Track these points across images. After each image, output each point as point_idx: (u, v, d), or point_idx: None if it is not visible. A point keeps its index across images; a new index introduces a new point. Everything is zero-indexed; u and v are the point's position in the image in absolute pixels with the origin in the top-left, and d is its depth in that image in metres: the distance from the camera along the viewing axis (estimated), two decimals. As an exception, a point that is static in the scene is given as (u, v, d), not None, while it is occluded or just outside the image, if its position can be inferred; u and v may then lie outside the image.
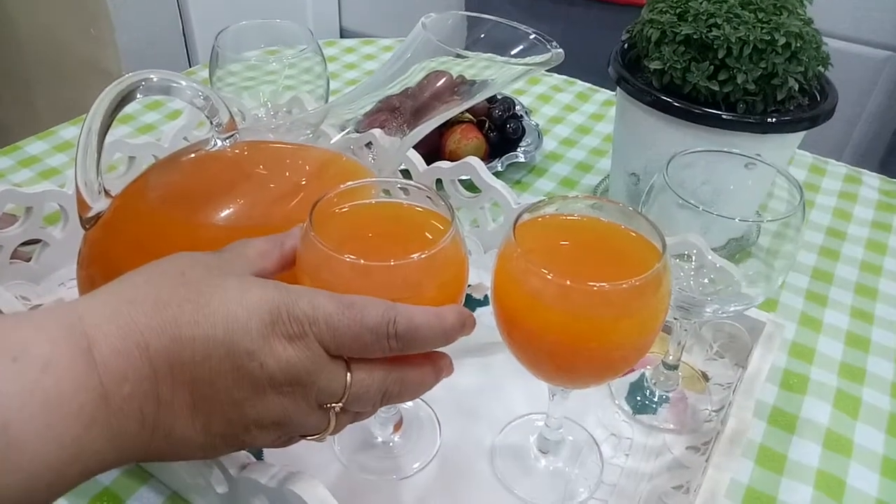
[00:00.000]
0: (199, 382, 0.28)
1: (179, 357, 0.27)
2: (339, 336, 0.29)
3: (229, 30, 0.59)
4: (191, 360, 0.27)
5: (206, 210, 0.40)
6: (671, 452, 0.46)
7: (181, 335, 0.27)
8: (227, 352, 0.27)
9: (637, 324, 0.34)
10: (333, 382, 0.30)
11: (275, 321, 0.28)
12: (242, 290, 0.29)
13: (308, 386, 0.29)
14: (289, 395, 0.29)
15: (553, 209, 0.38)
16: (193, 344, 0.27)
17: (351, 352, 0.30)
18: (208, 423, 0.28)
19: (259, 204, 0.41)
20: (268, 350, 0.28)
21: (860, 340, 0.57)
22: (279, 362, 0.28)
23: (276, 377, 0.28)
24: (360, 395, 0.31)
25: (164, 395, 0.27)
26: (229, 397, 0.28)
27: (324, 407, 0.31)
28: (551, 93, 0.92)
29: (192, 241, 0.40)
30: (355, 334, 0.29)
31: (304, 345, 0.29)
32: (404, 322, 0.30)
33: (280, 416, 0.29)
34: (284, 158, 0.45)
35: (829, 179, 0.78)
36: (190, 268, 0.30)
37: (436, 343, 0.32)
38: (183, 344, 0.27)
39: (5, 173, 0.69)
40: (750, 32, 0.51)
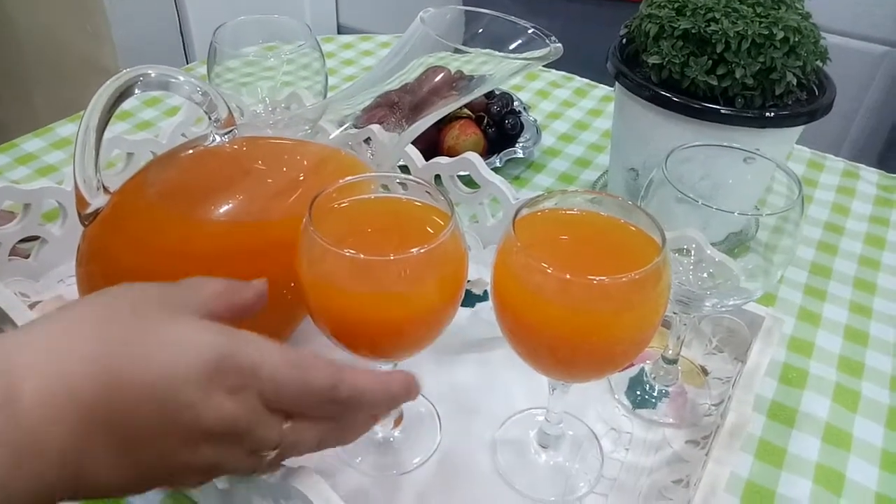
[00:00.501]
0: (128, 431, 0.26)
1: (111, 405, 0.26)
2: (281, 393, 0.28)
3: (227, 25, 0.59)
4: (123, 409, 0.26)
5: (205, 206, 0.40)
6: (671, 446, 0.46)
7: (115, 383, 0.26)
8: (164, 400, 0.26)
9: (637, 317, 0.34)
10: (269, 434, 0.29)
11: (219, 371, 0.27)
12: (188, 334, 0.28)
13: (243, 437, 0.28)
14: (221, 446, 0.28)
15: (552, 204, 0.38)
16: (128, 390, 0.26)
17: (291, 408, 0.30)
18: (135, 468, 0.27)
19: (258, 199, 0.41)
20: (206, 403, 0.27)
21: (859, 335, 0.57)
22: (216, 415, 0.27)
23: (211, 430, 0.27)
24: (295, 444, 0.30)
25: (90, 442, 0.26)
26: (160, 447, 0.27)
27: (257, 454, 0.30)
28: (550, 88, 0.92)
29: (191, 237, 0.40)
30: (298, 394, 0.29)
31: (244, 398, 0.28)
32: (349, 389, 0.30)
33: (211, 464, 0.29)
34: (283, 154, 0.45)
35: (827, 174, 0.78)
36: (140, 303, 0.29)
37: (379, 408, 0.32)
38: (117, 391, 0.26)
39: (3, 170, 0.69)
40: (748, 27, 0.51)
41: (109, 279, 0.40)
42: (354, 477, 0.43)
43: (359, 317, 0.35)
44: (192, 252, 0.40)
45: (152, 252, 0.40)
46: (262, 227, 0.41)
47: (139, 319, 0.28)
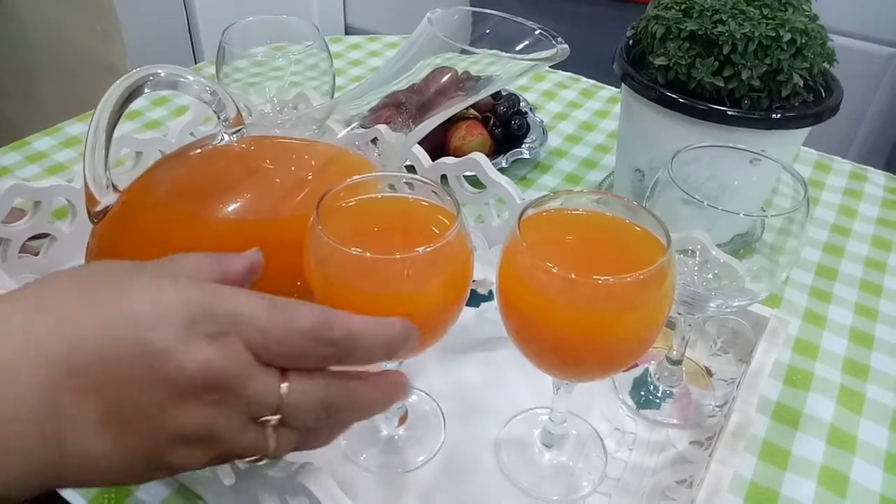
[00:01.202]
0: (105, 389, 0.24)
1: (81, 363, 0.24)
2: (267, 339, 0.26)
3: (236, 26, 0.60)
4: (95, 365, 0.24)
5: (213, 204, 0.41)
6: (675, 447, 0.46)
7: (83, 337, 0.24)
8: (138, 352, 0.24)
9: (641, 317, 0.34)
10: (265, 391, 0.26)
11: (193, 319, 0.25)
12: (156, 288, 0.26)
13: (235, 394, 0.26)
14: (214, 406, 0.26)
15: (558, 204, 0.38)
16: (95, 345, 0.24)
17: (283, 358, 0.27)
18: (121, 437, 0.25)
19: (266, 198, 0.41)
20: (186, 350, 0.25)
21: (864, 337, 0.57)
22: (199, 364, 0.25)
23: (196, 381, 0.25)
24: (298, 405, 0.27)
25: (66, 407, 0.24)
26: (143, 405, 0.25)
27: (258, 422, 0.27)
28: (556, 89, 0.92)
29: (199, 235, 0.40)
30: (285, 337, 0.26)
31: (228, 346, 0.26)
32: (341, 327, 0.27)
33: (207, 431, 0.26)
34: (291, 153, 0.45)
35: (833, 176, 0.78)
36: (102, 272, 0.28)
37: (377, 354, 0.29)
38: (85, 348, 0.24)
39: (13, 168, 0.70)
40: (755, 28, 0.51)
41: None
42: (359, 474, 0.43)
43: (365, 315, 0.35)
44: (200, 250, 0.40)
45: (161, 250, 0.40)
46: (269, 225, 0.41)
47: (106, 283, 0.27)
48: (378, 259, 0.33)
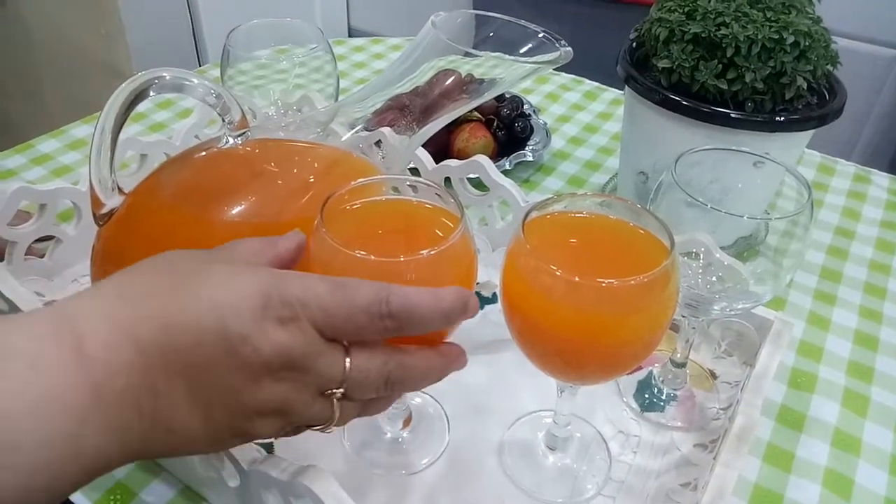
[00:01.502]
0: (193, 370, 0.27)
1: (171, 345, 0.27)
2: (331, 318, 0.28)
3: (240, 29, 0.60)
4: (183, 348, 0.27)
5: (218, 207, 0.41)
6: (679, 450, 0.46)
7: (171, 323, 0.27)
8: (219, 337, 0.27)
9: (645, 320, 0.34)
10: (331, 367, 0.29)
11: (265, 305, 0.28)
12: (231, 275, 0.28)
13: (305, 371, 0.28)
14: (287, 381, 0.28)
15: (562, 207, 0.38)
16: (184, 331, 0.27)
17: (346, 334, 0.29)
18: (209, 413, 0.28)
19: (270, 201, 0.42)
20: (261, 334, 0.27)
21: (869, 339, 0.57)
22: (273, 346, 0.27)
23: (271, 362, 0.28)
24: (361, 380, 0.30)
25: (160, 386, 0.27)
26: (226, 385, 0.27)
27: (325, 394, 0.30)
28: (559, 91, 0.92)
29: (205, 238, 0.40)
30: (348, 315, 0.29)
31: (297, 328, 0.28)
32: (398, 301, 0.29)
33: (281, 404, 0.29)
34: (295, 156, 0.45)
35: (838, 179, 0.77)
36: (180, 260, 0.30)
37: (435, 324, 0.30)
38: (173, 332, 0.27)
39: (18, 171, 0.70)
40: (758, 31, 0.51)
41: None
42: (363, 476, 0.44)
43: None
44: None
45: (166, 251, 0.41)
46: (273, 228, 0.41)
47: (186, 270, 0.29)
48: (382, 262, 0.33)
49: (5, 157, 0.72)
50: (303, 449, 0.44)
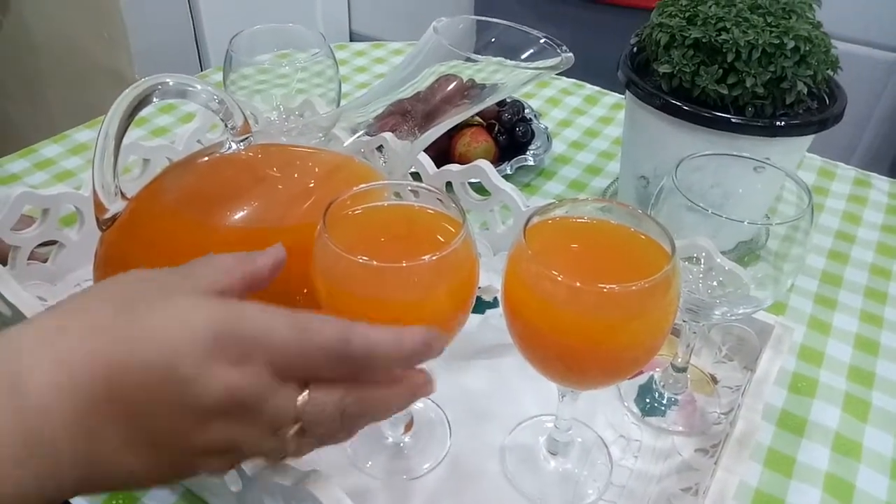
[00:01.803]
0: (136, 412, 0.26)
1: (113, 386, 0.25)
2: (289, 359, 0.27)
3: (243, 34, 0.60)
4: (126, 389, 0.26)
5: (221, 212, 0.41)
6: (680, 454, 0.46)
7: (114, 361, 0.26)
8: (165, 378, 0.26)
9: (646, 325, 0.34)
10: (284, 407, 0.28)
11: (217, 344, 0.26)
12: (186, 310, 0.27)
13: (256, 411, 0.27)
14: (236, 422, 0.27)
15: (563, 212, 0.38)
16: (128, 370, 0.26)
17: (302, 373, 0.28)
18: (152, 453, 0.27)
19: (273, 206, 0.42)
20: (209, 376, 0.26)
21: (869, 344, 0.57)
22: (222, 389, 0.26)
23: (220, 405, 0.26)
24: (316, 416, 0.28)
25: (98, 429, 0.26)
26: (171, 426, 0.26)
27: (278, 432, 0.28)
28: (560, 96, 0.92)
29: (207, 243, 0.41)
30: (306, 355, 0.28)
31: (250, 368, 0.27)
32: (359, 342, 0.28)
33: (230, 444, 0.28)
34: (297, 161, 0.45)
35: (838, 183, 0.78)
36: (136, 287, 0.29)
37: (396, 366, 0.30)
38: (116, 371, 0.26)
39: (21, 175, 0.70)
40: (759, 36, 0.51)
41: None
42: (365, 481, 0.44)
43: (371, 322, 0.35)
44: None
45: (169, 257, 0.41)
46: (276, 233, 0.41)
47: (137, 302, 0.28)
48: (385, 267, 0.33)
49: (9, 162, 0.72)
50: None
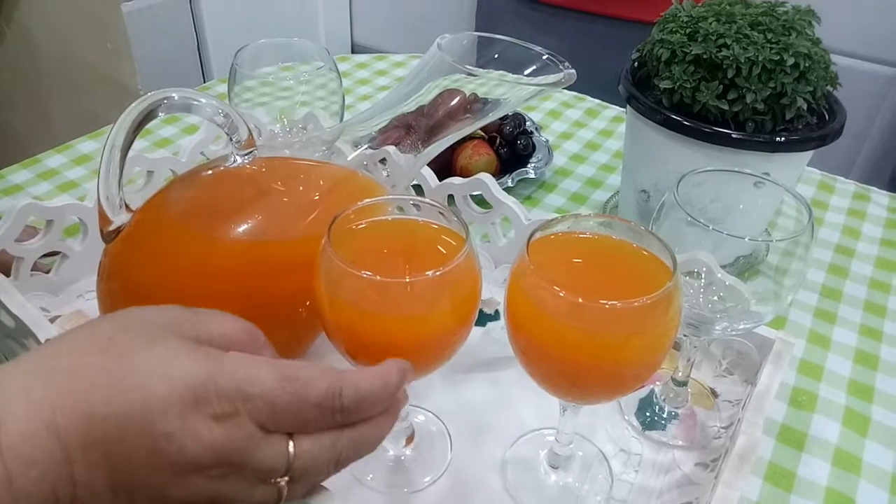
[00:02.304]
0: (115, 463, 0.26)
1: (92, 437, 0.25)
2: (278, 413, 0.27)
3: (248, 48, 0.61)
4: (104, 441, 0.25)
5: (226, 225, 0.41)
6: (680, 469, 0.46)
7: (93, 414, 0.25)
8: (143, 432, 0.25)
9: (648, 341, 0.34)
10: (273, 459, 0.27)
11: (199, 399, 0.26)
12: (168, 360, 0.27)
13: (241, 465, 0.27)
14: (219, 479, 0.27)
15: (565, 227, 0.38)
16: (106, 423, 0.25)
17: (292, 427, 0.28)
18: (130, 501, 0.27)
19: (277, 220, 0.42)
20: (188, 432, 0.26)
21: (869, 358, 0.57)
22: (202, 445, 0.26)
23: (199, 461, 0.26)
24: (309, 466, 0.28)
25: (80, 475, 0.25)
26: (149, 480, 0.26)
27: (268, 482, 0.28)
28: (561, 109, 0.93)
29: (211, 255, 0.41)
30: (297, 411, 0.27)
31: (235, 424, 0.26)
32: (350, 394, 0.28)
33: (214, 496, 0.27)
34: (302, 175, 0.46)
35: (837, 197, 0.78)
36: (121, 331, 0.28)
37: (382, 406, 0.30)
38: (95, 423, 0.25)
39: (25, 186, 0.71)
40: (759, 53, 0.52)
41: (130, 295, 0.41)
42: (366, 495, 0.44)
43: (374, 337, 0.35)
44: (213, 270, 0.41)
45: (173, 270, 0.41)
46: (280, 246, 0.41)
47: (122, 345, 0.27)
48: (388, 282, 0.33)
49: (12, 173, 0.72)
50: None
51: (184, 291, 0.40)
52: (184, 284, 0.40)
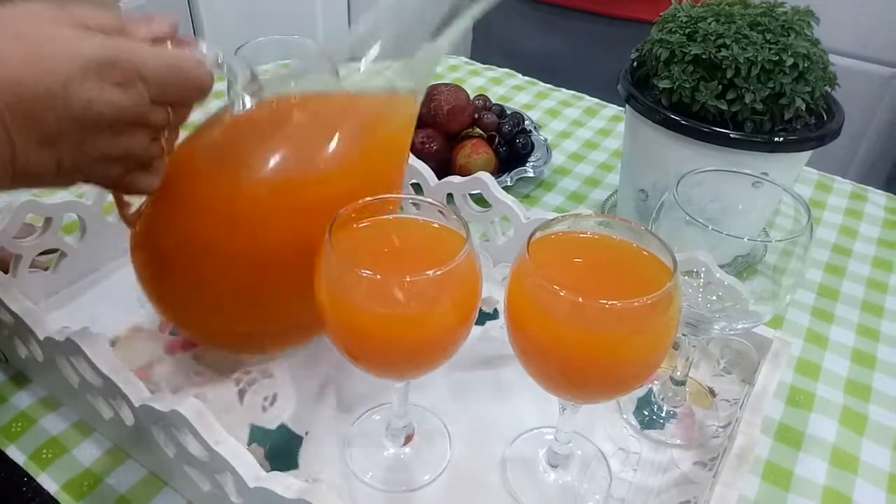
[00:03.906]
0: (45, 130, 0.32)
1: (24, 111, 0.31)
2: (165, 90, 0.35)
3: (247, 46, 0.60)
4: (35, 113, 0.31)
5: (254, 168, 0.42)
6: (679, 468, 0.46)
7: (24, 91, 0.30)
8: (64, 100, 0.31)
9: (648, 341, 0.34)
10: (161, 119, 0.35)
11: (107, 71, 0.32)
12: (74, 42, 0.32)
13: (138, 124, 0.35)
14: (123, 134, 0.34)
15: (565, 227, 0.39)
16: (36, 98, 0.31)
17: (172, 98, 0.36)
18: (60, 158, 0.33)
19: (301, 157, 0.42)
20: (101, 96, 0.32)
21: (866, 357, 0.57)
22: (113, 107, 0.33)
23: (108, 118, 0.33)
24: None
25: (12, 133, 0.31)
26: (71, 136, 0.32)
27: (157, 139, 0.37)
28: (560, 108, 0.93)
29: (246, 200, 0.41)
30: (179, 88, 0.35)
31: (135, 91, 0.33)
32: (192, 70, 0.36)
33: (124, 152, 0.35)
34: (317, 108, 0.45)
35: (834, 196, 0.78)
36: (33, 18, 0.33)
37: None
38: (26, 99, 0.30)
39: (22, 183, 0.70)
40: (758, 53, 0.52)
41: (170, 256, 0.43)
42: (365, 493, 0.44)
43: (375, 336, 0.36)
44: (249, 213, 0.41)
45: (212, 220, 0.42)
46: (307, 183, 0.42)
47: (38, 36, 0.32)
48: (388, 281, 0.33)
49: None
50: (305, 466, 0.45)
51: (226, 241, 0.41)
52: (224, 233, 0.41)
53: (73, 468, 0.44)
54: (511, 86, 0.98)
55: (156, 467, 0.44)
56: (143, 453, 0.44)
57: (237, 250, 0.41)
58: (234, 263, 0.42)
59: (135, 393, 0.39)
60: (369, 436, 0.47)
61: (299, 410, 0.48)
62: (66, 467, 0.44)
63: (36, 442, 0.46)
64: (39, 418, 0.47)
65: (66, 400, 0.48)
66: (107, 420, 0.44)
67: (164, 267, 0.44)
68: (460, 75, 1.00)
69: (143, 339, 0.52)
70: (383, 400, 0.49)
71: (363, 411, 0.49)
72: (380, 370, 0.39)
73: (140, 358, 0.51)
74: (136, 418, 0.41)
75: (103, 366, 0.40)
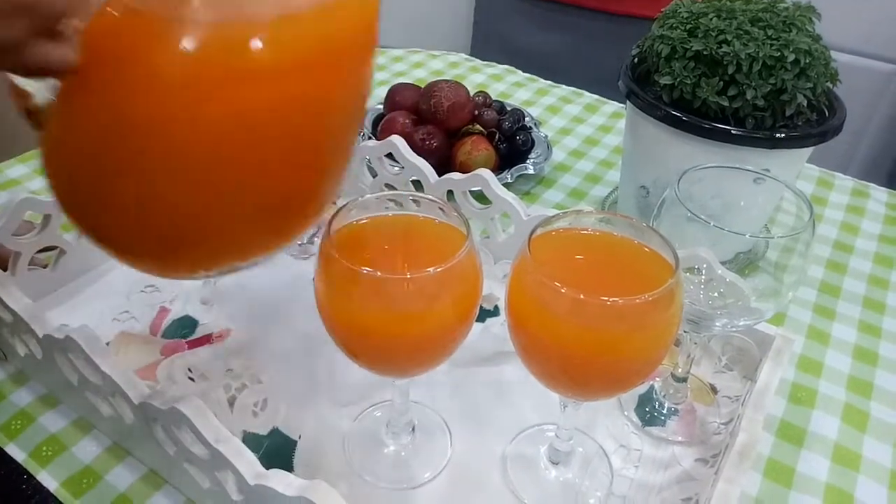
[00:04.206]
0: None
1: None
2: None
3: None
4: None
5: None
6: (680, 465, 0.46)
7: None
8: None
9: (649, 338, 0.34)
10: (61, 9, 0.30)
11: None
12: None
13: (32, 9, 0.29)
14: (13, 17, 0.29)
15: (566, 223, 0.38)
16: None
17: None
18: None
19: None
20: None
21: (868, 354, 0.57)
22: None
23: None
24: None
25: None
26: None
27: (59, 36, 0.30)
28: (560, 104, 0.93)
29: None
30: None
31: None
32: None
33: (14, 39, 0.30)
34: None
35: (836, 193, 0.78)
36: None
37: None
38: None
39: (21, 180, 0.70)
40: (759, 49, 0.52)
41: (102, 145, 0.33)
42: (366, 490, 0.44)
43: (375, 334, 0.35)
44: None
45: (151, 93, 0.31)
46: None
47: None
48: (389, 279, 0.33)
49: (9, 167, 0.72)
50: (306, 464, 0.45)
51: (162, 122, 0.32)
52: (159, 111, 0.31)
53: (73, 466, 0.44)
54: (511, 82, 0.97)
55: (155, 465, 0.44)
56: (142, 451, 0.44)
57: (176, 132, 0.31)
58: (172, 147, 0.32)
59: (134, 391, 0.39)
60: (369, 433, 0.47)
61: (291, 413, 0.48)
62: (65, 465, 0.44)
63: (35, 439, 0.45)
64: (39, 416, 0.47)
65: (66, 397, 0.48)
66: (106, 417, 0.44)
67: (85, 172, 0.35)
68: (460, 72, 1.00)
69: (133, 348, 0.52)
70: (378, 397, 0.49)
71: (361, 409, 0.48)
72: (381, 368, 0.39)
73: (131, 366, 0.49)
74: (135, 416, 0.41)
75: (103, 363, 0.40)
